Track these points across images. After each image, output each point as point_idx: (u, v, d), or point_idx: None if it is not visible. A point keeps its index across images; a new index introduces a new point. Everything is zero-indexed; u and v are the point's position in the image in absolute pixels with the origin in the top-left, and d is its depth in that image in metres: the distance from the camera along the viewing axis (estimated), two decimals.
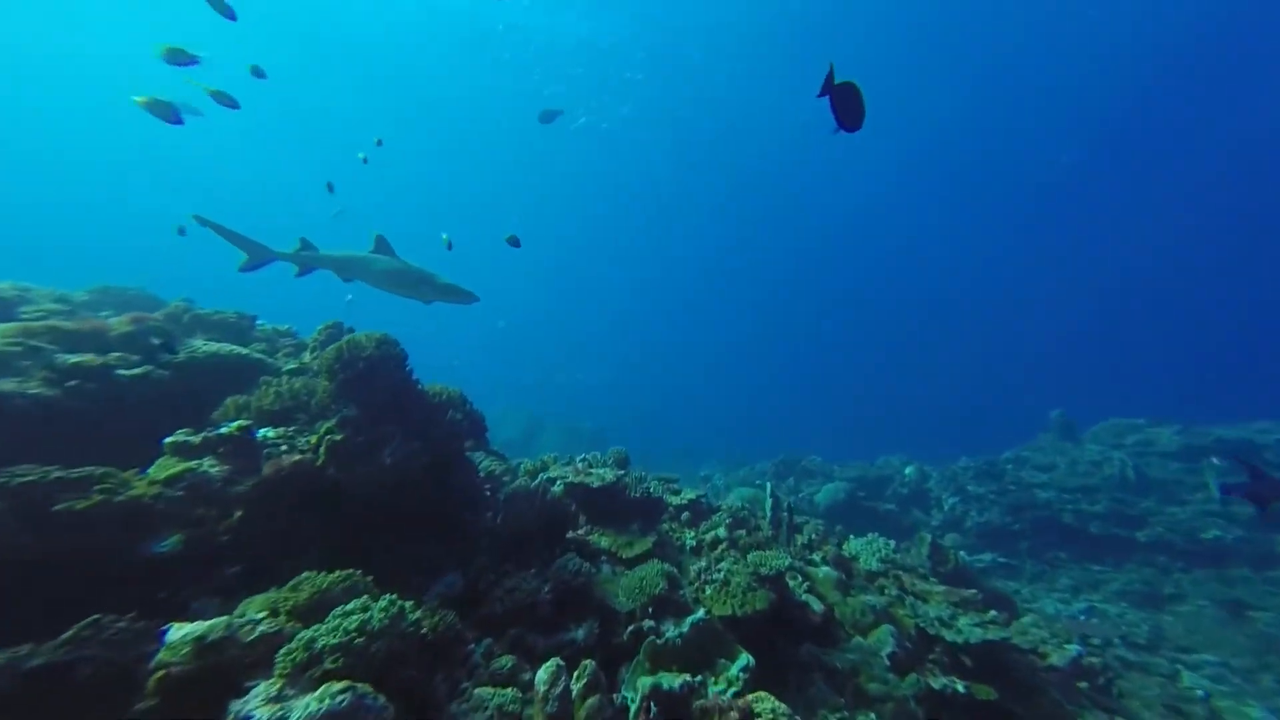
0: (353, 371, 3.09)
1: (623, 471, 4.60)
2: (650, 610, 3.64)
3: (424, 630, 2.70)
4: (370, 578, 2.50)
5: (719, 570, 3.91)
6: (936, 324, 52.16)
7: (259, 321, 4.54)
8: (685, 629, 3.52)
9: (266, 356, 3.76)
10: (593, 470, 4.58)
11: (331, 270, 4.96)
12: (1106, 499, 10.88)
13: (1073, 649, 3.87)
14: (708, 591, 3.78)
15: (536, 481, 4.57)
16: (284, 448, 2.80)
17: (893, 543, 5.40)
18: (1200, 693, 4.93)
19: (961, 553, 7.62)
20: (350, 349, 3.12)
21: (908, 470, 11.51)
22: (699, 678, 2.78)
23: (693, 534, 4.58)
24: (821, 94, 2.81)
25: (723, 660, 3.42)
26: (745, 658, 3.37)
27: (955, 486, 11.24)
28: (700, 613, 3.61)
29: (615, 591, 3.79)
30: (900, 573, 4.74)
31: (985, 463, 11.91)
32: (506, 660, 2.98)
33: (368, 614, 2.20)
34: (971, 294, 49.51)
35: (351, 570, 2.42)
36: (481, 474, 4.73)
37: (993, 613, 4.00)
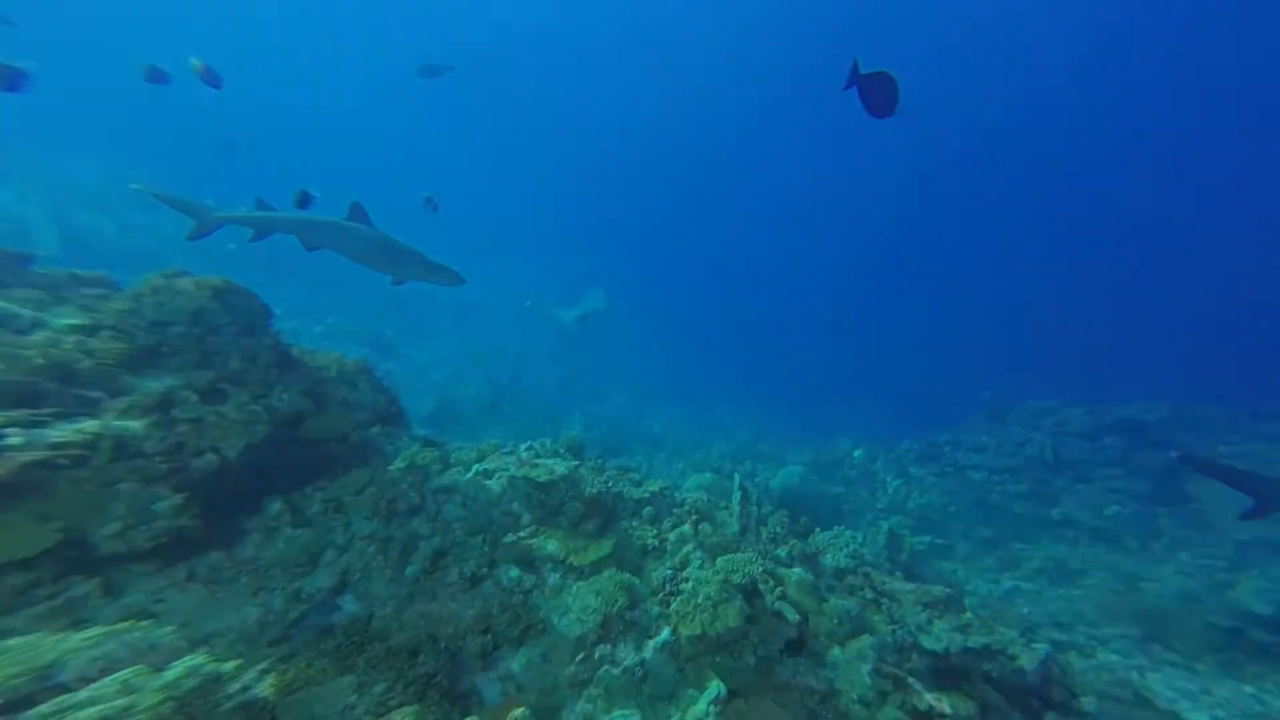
0: (168, 332, 2.09)
1: (577, 463, 3.91)
2: (606, 631, 3.04)
3: (264, 694, 1.88)
4: (170, 628, 1.64)
5: (686, 579, 3.36)
6: (886, 301, 54.71)
7: (43, 265, 3.28)
8: (647, 654, 2.95)
9: (21, 307, 2.55)
10: (539, 461, 3.84)
11: (294, 235, 4.27)
12: (1028, 479, 11.62)
13: (1041, 648, 3.74)
14: (673, 605, 3.22)
15: (469, 475, 3.77)
16: (15, 440, 1.82)
17: (860, 535, 5.14)
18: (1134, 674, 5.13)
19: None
20: (160, 297, 2.09)
21: (856, 453, 11.70)
22: None
23: (655, 532, 3.99)
24: (847, 87, 2.84)
25: (690, 690, 2.90)
26: (715, 687, 2.86)
27: (899, 469, 11.55)
28: (665, 633, 3.05)
29: (564, 608, 3.14)
30: (870, 570, 4.45)
31: (926, 444, 12.34)
32: (404, 716, 2.25)
33: (132, 699, 1.37)
34: (917, 275, 52.16)
35: (132, 621, 1.55)
36: (400, 465, 3.86)
37: (968, 615, 3.77)
